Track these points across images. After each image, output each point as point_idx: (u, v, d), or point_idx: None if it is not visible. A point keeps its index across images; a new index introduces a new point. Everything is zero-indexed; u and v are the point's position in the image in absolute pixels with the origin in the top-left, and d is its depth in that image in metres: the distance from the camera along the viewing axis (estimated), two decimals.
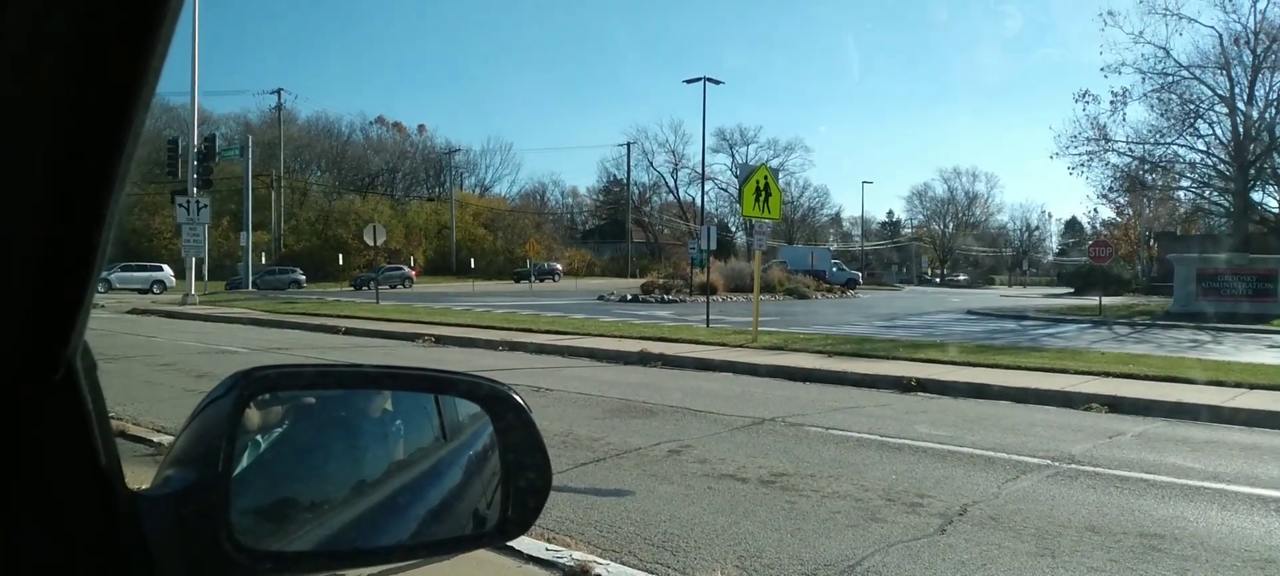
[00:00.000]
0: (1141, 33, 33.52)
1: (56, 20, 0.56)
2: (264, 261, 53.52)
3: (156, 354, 14.59)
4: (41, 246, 0.72)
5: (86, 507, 0.90)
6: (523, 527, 1.19)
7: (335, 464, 1.30)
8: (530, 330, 18.62)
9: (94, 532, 0.90)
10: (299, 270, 52.75)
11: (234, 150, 44.98)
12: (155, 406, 8.91)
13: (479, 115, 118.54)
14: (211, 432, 1.00)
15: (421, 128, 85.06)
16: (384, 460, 1.37)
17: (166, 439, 6.99)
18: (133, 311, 26.74)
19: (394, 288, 47.99)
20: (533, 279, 54.33)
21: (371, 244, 32.59)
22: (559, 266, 64.17)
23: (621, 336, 17.26)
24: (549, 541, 4.70)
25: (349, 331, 19.69)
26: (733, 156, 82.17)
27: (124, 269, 42.44)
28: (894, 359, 13.62)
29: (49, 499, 0.88)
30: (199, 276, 33.48)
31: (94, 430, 0.90)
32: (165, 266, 44.61)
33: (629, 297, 36.28)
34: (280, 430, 1.19)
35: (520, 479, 1.20)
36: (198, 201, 31.35)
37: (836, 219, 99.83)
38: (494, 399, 1.22)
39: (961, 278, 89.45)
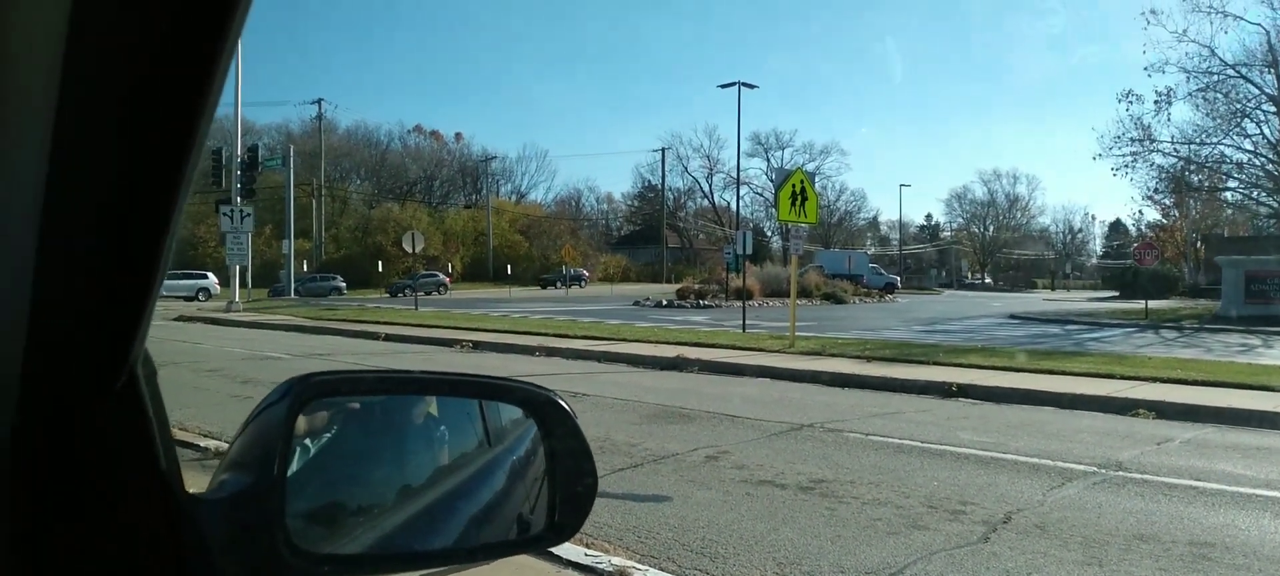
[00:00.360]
0: (1185, 31, 32.72)
1: (128, 24, 0.57)
2: (306, 269, 54.35)
3: (202, 360, 14.89)
4: (108, 255, 0.74)
5: (148, 512, 0.92)
6: (570, 533, 1.20)
7: (382, 468, 1.32)
8: (566, 336, 18.69)
9: (156, 536, 0.92)
10: (339, 277, 53.48)
11: (276, 160, 45.81)
12: (202, 411, 9.09)
13: (515, 122, 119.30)
14: (267, 437, 1.02)
15: (458, 135, 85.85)
16: (429, 465, 1.39)
17: (213, 443, 7.13)
18: (179, 318, 27.33)
19: (429, 294, 48.45)
20: (560, 284, 54.63)
21: (410, 251, 32.96)
22: (586, 272, 64.22)
23: (657, 342, 17.25)
24: (588, 547, 4.72)
25: (388, 337, 19.92)
26: (768, 160, 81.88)
27: (170, 276, 43.23)
28: (934, 364, 13.45)
29: (112, 503, 0.91)
30: (243, 284, 34.14)
31: (155, 436, 0.92)
32: (210, 274, 45.49)
33: (664, 303, 36.26)
34: (329, 435, 1.21)
35: (566, 484, 1.21)
36: (241, 210, 31.97)
37: (874, 222, 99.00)
38: (541, 405, 1.23)
39: (985, 280, 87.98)
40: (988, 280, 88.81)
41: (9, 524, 0.89)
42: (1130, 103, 33.04)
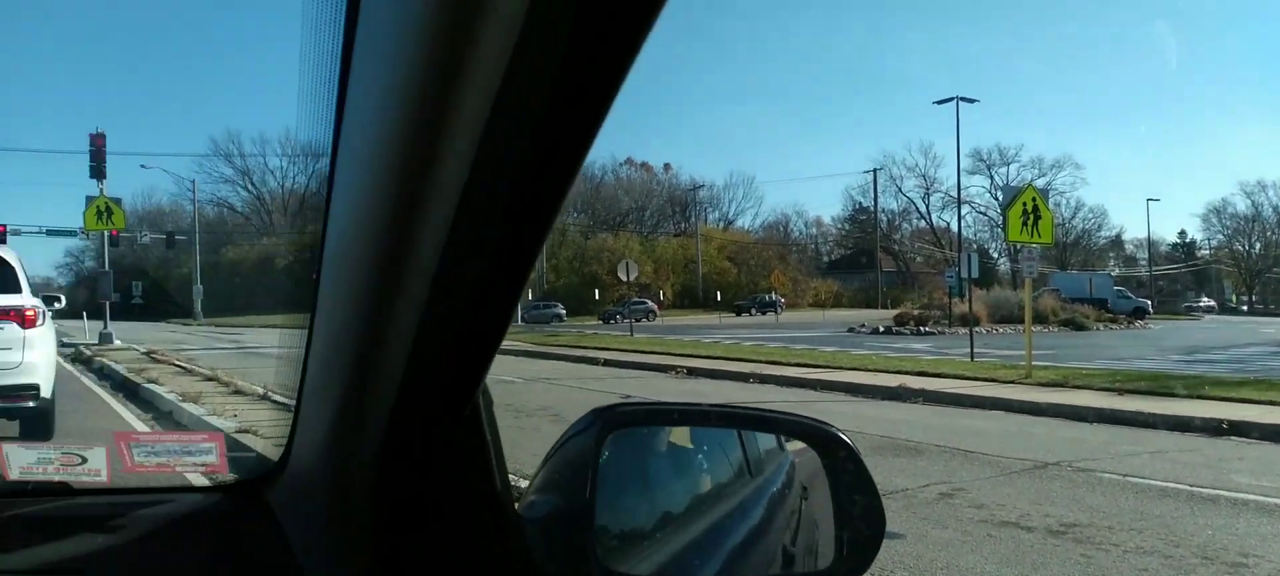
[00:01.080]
0: None
1: (554, 49, 0.61)
2: (530, 297, 57.59)
3: None
4: (483, 294, 0.82)
5: (486, 526, 1.01)
6: (859, 571, 1.17)
7: (647, 495, 1.35)
8: (779, 363, 18.52)
9: (491, 549, 1.00)
10: (560, 305, 56.13)
11: None
12: None
13: (722, 150, 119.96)
14: (576, 463, 1.09)
15: (667, 166, 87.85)
16: (687, 493, 1.41)
17: None
18: None
19: (639, 320, 49.67)
20: (754, 310, 54.92)
21: (624, 279, 34.08)
22: (781, 299, 63.05)
23: (876, 370, 16.68)
24: None
25: (607, 362, 20.63)
26: (991, 178, 77.01)
27: None
28: (1199, 397, 12.02)
29: (457, 516, 1.00)
30: None
31: (492, 459, 1.01)
32: None
33: (880, 329, 34.99)
34: (600, 462, 1.26)
35: (853, 523, 1.18)
36: None
37: (1117, 241, 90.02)
38: (825, 440, 1.21)
39: (1253, 303, 76.95)
40: (1199, 303, 78.12)
41: (372, 527, 1.00)
42: None
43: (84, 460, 1.60)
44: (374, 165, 0.75)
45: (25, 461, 1.59)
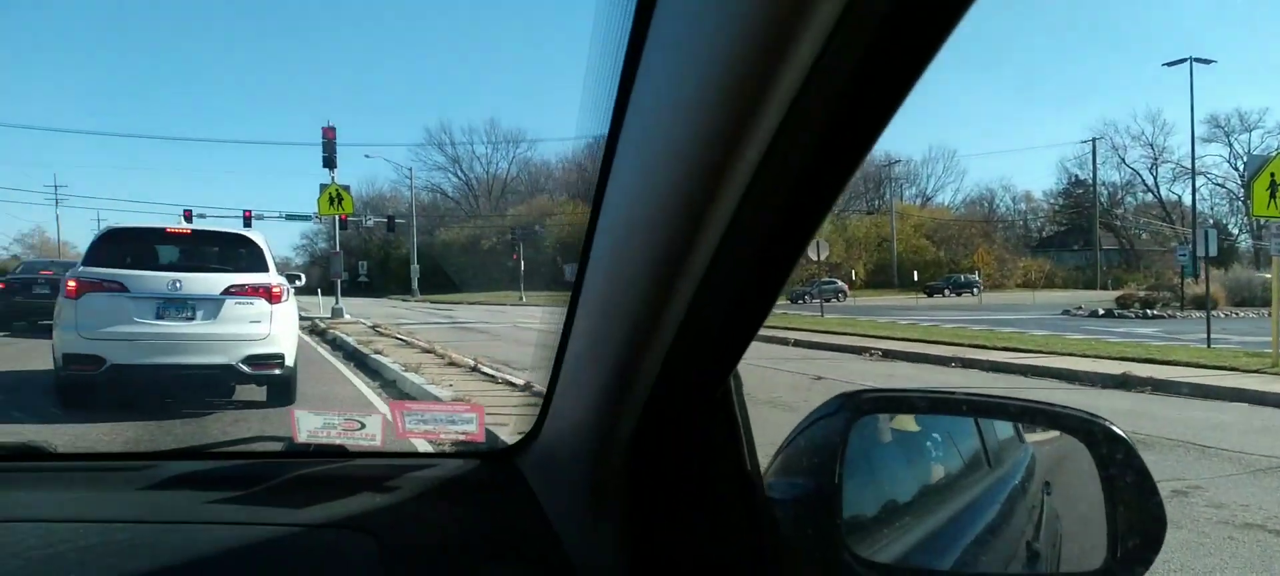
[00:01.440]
0: None
1: (863, 33, 0.61)
2: None
3: None
4: (748, 288, 0.86)
5: (736, 505, 1.06)
6: (1139, 573, 1.11)
7: (872, 482, 1.35)
8: (984, 347, 17.55)
9: (744, 527, 1.06)
10: None
11: None
12: None
13: (920, 123, 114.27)
14: (823, 447, 1.12)
15: None
16: (915, 482, 1.39)
17: None
18: None
19: (828, 300, 48.54)
20: (949, 292, 52.23)
21: (815, 259, 33.43)
22: (978, 279, 59.17)
23: (1095, 356, 15.45)
24: None
25: (797, 343, 20.36)
26: (1230, 146, 68.72)
27: None
28: None
29: (709, 495, 1.06)
30: None
31: (743, 440, 1.06)
32: None
33: (1100, 312, 32.28)
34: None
35: (1129, 525, 1.12)
36: None
37: None
38: (1097, 435, 1.17)
39: None
40: None
41: (626, 501, 1.08)
42: None
43: (362, 426, 1.81)
44: (661, 157, 0.76)
45: (312, 426, 1.82)
